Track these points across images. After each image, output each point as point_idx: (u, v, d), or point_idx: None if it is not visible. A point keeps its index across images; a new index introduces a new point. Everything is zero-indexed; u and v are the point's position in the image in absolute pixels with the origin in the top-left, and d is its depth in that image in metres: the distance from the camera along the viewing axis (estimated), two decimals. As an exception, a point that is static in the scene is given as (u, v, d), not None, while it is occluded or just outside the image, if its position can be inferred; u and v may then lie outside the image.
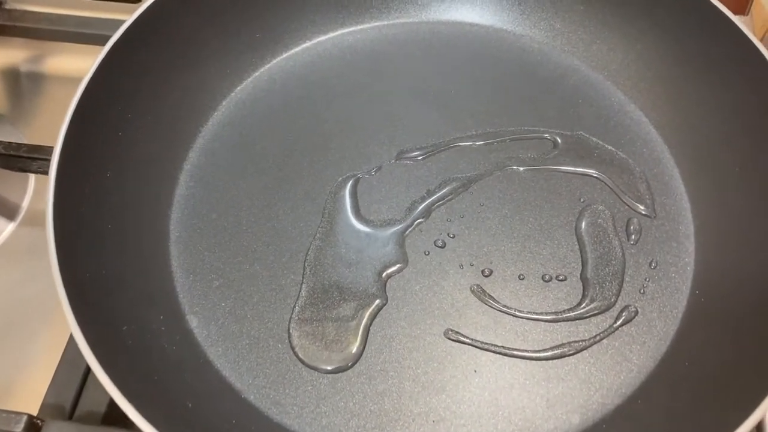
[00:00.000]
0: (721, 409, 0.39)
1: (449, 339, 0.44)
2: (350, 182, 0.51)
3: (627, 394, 0.43)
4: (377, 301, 0.46)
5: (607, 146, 0.52)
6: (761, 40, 0.51)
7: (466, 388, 0.43)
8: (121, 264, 0.45)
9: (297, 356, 0.44)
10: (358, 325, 0.45)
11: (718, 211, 0.48)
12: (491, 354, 0.44)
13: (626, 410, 0.42)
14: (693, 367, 0.42)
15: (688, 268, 0.47)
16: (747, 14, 0.64)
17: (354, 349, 0.44)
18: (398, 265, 0.47)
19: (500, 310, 0.45)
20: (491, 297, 0.46)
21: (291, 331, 0.45)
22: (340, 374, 0.44)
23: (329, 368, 0.44)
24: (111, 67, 0.47)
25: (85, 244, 0.43)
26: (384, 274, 0.47)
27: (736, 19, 0.49)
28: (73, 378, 0.46)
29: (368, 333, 0.45)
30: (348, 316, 0.45)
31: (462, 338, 0.44)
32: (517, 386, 0.43)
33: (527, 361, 0.44)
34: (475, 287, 0.46)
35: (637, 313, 0.45)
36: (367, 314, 0.45)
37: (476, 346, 0.44)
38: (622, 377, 0.43)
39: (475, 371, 0.43)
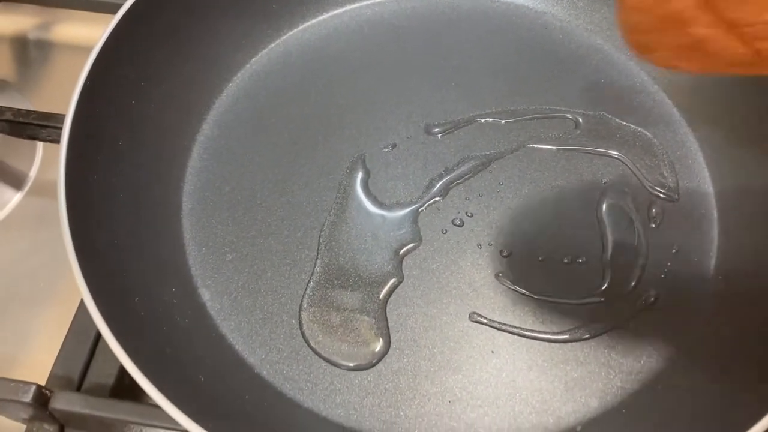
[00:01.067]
0: (744, 398, 0.38)
1: (466, 319, 0.44)
2: (366, 159, 0.50)
3: (647, 379, 0.42)
4: (393, 280, 0.45)
5: (630, 127, 0.51)
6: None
7: (483, 369, 0.42)
8: (133, 235, 0.44)
9: (309, 345, 0.43)
10: (377, 318, 0.44)
11: (742, 196, 0.47)
12: (509, 335, 0.43)
13: (646, 396, 0.41)
14: (715, 354, 0.42)
15: (711, 253, 0.46)
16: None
17: (377, 347, 0.43)
18: (413, 244, 0.46)
19: (519, 292, 0.44)
20: (510, 279, 0.45)
21: (302, 312, 0.44)
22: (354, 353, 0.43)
23: (350, 365, 0.43)
24: (124, 34, 0.46)
25: (96, 213, 0.42)
26: (400, 252, 0.46)
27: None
28: (81, 349, 0.45)
29: (389, 330, 0.44)
30: (363, 296, 0.44)
31: (479, 318, 0.44)
32: (535, 368, 0.42)
33: (546, 343, 0.43)
34: (499, 274, 0.45)
35: (658, 298, 0.44)
36: (382, 296, 0.44)
37: (494, 327, 0.43)
38: (642, 362, 0.42)
39: (493, 352, 0.43)
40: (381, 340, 0.43)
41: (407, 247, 0.46)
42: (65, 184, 0.40)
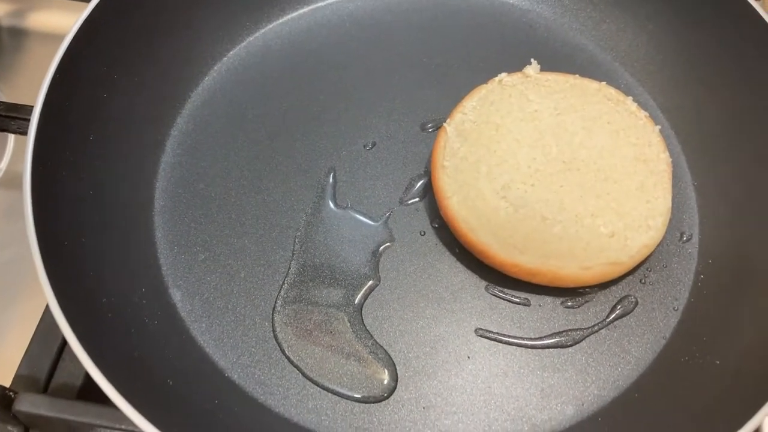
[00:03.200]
0: (721, 406, 0.38)
1: (443, 323, 0.43)
2: (345, 157, 0.49)
3: (624, 386, 0.41)
4: (370, 282, 0.44)
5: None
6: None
7: (459, 375, 0.42)
8: (102, 233, 0.43)
9: (281, 349, 0.42)
10: (353, 321, 0.43)
11: (724, 202, 0.47)
12: (485, 340, 0.43)
13: (622, 403, 0.41)
14: (692, 361, 0.41)
15: (692, 259, 0.46)
16: (759, -1, 0.62)
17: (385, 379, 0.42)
18: (388, 243, 0.46)
19: (498, 296, 0.44)
20: (488, 282, 0.44)
21: (275, 315, 0.43)
22: (327, 357, 0.42)
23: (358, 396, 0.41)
24: (96, 24, 0.45)
25: (64, 211, 0.41)
26: (378, 252, 0.45)
27: (755, 4, 0.47)
28: (48, 349, 0.43)
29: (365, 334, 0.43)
30: (339, 299, 0.43)
31: (456, 323, 0.43)
32: (511, 374, 0.41)
33: (522, 349, 0.42)
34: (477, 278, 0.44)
35: (636, 303, 0.44)
36: (358, 299, 0.44)
37: (470, 332, 0.43)
38: (619, 369, 0.42)
39: (469, 357, 0.42)
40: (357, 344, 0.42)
41: (383, 247, 0.45)
42: (31, 181, 0.39)
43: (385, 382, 0.41)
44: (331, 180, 0.48)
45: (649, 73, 0.52)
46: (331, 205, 0.47)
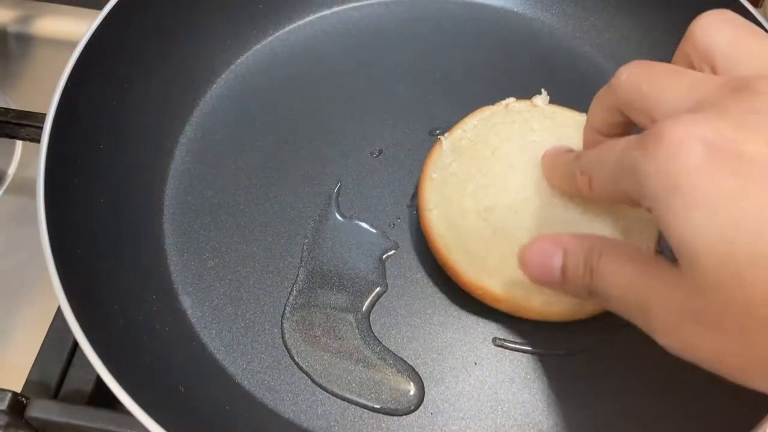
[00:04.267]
0: (732, 414, 0.38)
1: (450, 330, 0.43)
2: (352, 164, 0.49)
3: (631, 394, 0.42)
4: (377, 289, 0.45)
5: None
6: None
7: (466, 381, 0.42)
8: (113, 240, 0.43)
9: (291, 355, 0.43)
10: (361, 328, 0.43)
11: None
12: (492, 347, 0.43)
13: (631, 410, 0.41)
14: (698, 370, 0.42)
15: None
16: (760, 6, 0.63)
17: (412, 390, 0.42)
18: (394, 251, 0.46)
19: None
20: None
21: (284, 321, 0.43)
22: (336, 364, 0.42)
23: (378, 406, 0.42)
24: (107, 32, 0.45)
25: (76, 217, 0.41)
26: (383, 258, 0.46)
27: (755, 11, 0.47)
28: (58, 354, 0.44)
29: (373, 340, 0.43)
30: (347, 305, 0.44)
31: (463, 330, 0.43)
32: (517, 381, 0.42)
33: (530, 355, 0.43)
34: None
35: (641, 310, 0.44)
36: (366, 305, 0.44)
37: (478, 339, 0.43)
38: (625, 377, 0.42)
39: (476, 363, 0.43)
40: (363, 349, 0.43)
41: (389, 254, 0.46)
42: (44, 189, 0.40)
43: (401, 388, 0.42)
44: (338, 187, 0.48)
45: (652, 82, 0.53)
46: (338, 212, 0.47)
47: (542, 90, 0.48)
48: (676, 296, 0.29)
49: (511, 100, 0.47)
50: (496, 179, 0.44)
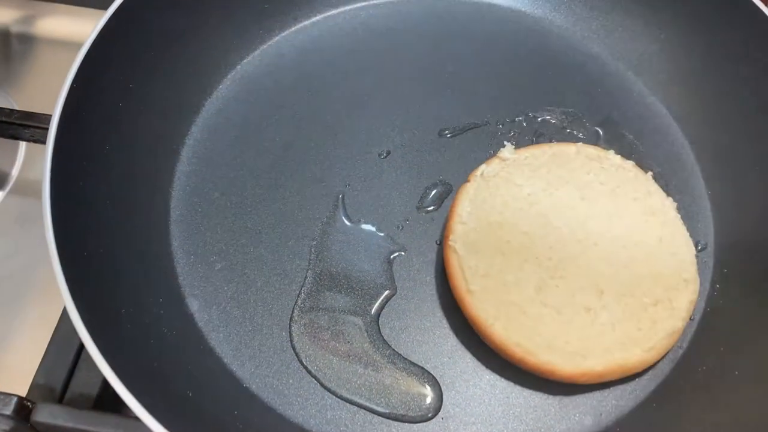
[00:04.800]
0: (738, 417, 0.38)
1: (461, 333, 0.43)
2: (359, 166, 0.49)
3: (642, 396, 0.41)
4: (386, 292, 0.44)
5: (627, 137, 0.50)
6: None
7: (477, 385, 0.42)
8: (120, 243, 0.43)
9: (299, 359, 0.42)
10: (370, 332, 0.43)
11: (739, 211, 0.47)
12: (503, 350, 0.43)
13: (641, 413, 0.41)
14: (709, 371, 0.41)
15: (707, 268, 0.46)
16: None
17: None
18: (402, 253, 0.46)
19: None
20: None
21: (293, 324, 0.43)
22: (345, 367, 0.42)
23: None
24: (112, 35, 0.45)
25: (82, 220, 0.41)
26: (392, 262, 0.45)
27: (767, 11, 0.47)
28: (64, 357, 0.43)
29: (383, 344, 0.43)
30: (355, 308, 0.43)
31: (473, 333, 0.43)
32: (529, 384, 0.42)
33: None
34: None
35: (653, 313, 0.44)
36: (375, 309, 0.44)
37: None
38: (637, 379, 0.42)
39: (487, 367, 0.42)
40: (372, 353, 0.42)
41: (398, 256, 0.45)
42: (50, 190, 0.39)
43: (412, 392, 0.41)
44: (345, 189, 0.48)
45: (661, 82, 0.53)
46: (346, 214, 0.47)
47: (505, 143, 0.47)
48: None
49: (483, 167, 0.46)
50: (523, 254, 0.42)
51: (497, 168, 0.46)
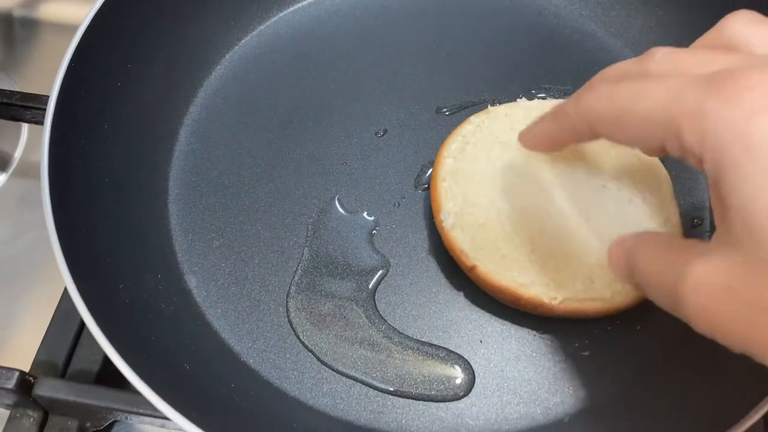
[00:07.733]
0: (735, 393, 0.38)
1: (456, 308, 0.43)
2: (356, 144, 0.49)
3: (638, 371, 0.41)
4: (382, 268, 0.45)
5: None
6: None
7: (472, 359, 0.42)
8: (118, 220, 0.43)
9: (296, 334, 0.43)
10: (366, 307, 0.43)
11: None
12: (498, 324, 0.43)
13: (637, 387, 0.41)
14: (706, 353, 0.41)
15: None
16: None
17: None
18: (398, 230, 0.46)
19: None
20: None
21: (290, 300, 0.44)
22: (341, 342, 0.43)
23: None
24: (110, 13, 0.45)
25: (80, 198, 0.41)
26: (388, 239, 0.45)
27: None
28: (65, 335, 0.44)
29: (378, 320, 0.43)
30: (352, 285, 0.44)
31: (469, 307, 0.43)
32: (523, 358, 0.42)
33: (535, 333, 0.43)
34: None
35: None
36: (371, 285, 0.44)
37: (483, 316, 0.43)
38: (633, 354, 0.42)
39: (481, 341, 0.42)
40: (369, 329, 0.43)
41: (393, 232, 0.46)
42: (48, 169, 0.40)
43: (406, 367, 0.42)
44: (342, 167, 0.48)
45: (660, 59, 0.52)
46: (343, 192, 0.47)
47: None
48: (716, 273, 0.26)
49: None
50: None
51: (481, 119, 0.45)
